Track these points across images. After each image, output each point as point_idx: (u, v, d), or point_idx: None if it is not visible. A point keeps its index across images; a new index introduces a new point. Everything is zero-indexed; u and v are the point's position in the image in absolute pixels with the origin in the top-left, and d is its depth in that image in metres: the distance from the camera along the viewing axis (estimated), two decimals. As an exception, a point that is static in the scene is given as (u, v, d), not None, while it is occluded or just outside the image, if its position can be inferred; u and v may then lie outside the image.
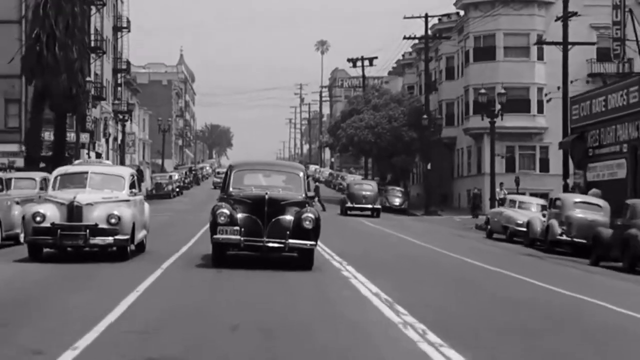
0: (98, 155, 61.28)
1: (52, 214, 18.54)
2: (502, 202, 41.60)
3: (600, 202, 28.21)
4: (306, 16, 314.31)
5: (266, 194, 17.62)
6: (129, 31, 78.04)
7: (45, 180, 25.21)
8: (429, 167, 60.52)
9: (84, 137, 56.11)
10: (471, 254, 24.88)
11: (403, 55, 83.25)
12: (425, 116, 59.98)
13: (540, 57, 57.63)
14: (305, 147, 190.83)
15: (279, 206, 17.63)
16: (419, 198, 67.54)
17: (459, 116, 65.50)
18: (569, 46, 44.16)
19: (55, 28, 36.56)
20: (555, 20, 47.79)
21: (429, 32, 66.20)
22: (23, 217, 20.07)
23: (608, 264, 23.94)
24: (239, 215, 17.53)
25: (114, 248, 19.03)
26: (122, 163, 66.48)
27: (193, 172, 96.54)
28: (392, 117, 67.10)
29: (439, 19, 67.35)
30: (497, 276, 19.72)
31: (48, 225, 18.36)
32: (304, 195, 18.47)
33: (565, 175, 44.20)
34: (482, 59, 59.44)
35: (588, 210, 27.60)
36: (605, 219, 26.73)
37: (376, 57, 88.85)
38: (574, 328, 12.42)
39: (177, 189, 69.21)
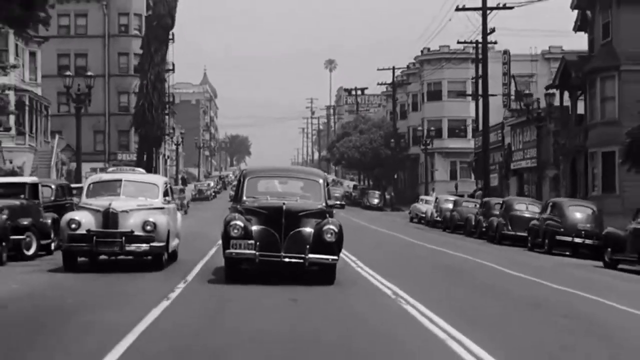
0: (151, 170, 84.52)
1: (87, 221, 18.32)
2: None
3: (459, 198, 51.40)
4: (318, 36, 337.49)
5: (283, 204, 16.45)
6: (173, 72, 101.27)
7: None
8: (395, 176, 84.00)
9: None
10: (386, 227, 47.91)
11: (387, 88, 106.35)
12: (392, 140, 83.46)
13: (474, 98, 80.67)
14: (316, 155, 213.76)
15: (298, 217, 16.47)
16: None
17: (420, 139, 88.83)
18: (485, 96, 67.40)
19: (152, 98, 59.62)
20: (472, 79, 71.20)
21: (402, 70, 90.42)
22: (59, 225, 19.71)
23: (456, 232, 46.72)
24: (254, 228, 16.36)
25: (149, 257, 18.88)
26: (177, 175, 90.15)
27: (222, 179, 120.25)
28: (373, 139, 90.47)
29: (407, 66, 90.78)
30: (394, 238, 42.61)
31: (83, 232, 18.15)
32: (324, 204, 17.22)
33: (477, 183, 67.59)
34: (433, 99, 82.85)
35: (450, 203, 50.62)
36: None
37: (367, 88, 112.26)
38: (414, 258, 35.18)
39: (214, 193, 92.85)
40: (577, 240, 29.69)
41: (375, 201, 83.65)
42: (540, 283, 19.55)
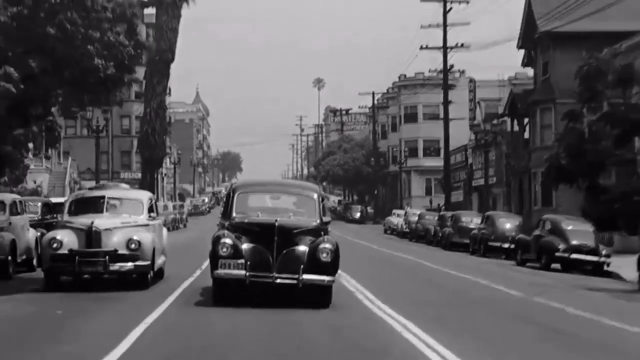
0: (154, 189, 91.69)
1: (69, 240, 17.93)
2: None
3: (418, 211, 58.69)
4: (306, 56, 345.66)
5: (276, 220, 15.56)
6: (170, 95, 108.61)
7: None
8: (375, 192, 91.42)
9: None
10: (362, 238, 55.10)
11: (369, 109, 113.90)
12: (372, 158, 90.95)
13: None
14: (305, 171, 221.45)
15: (291, 235, 15.62)
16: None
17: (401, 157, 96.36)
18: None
19: (155, 124, 66.76)
20: (442, 103, 78.56)
21: (383, 94, 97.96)
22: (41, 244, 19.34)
23: (419, 241, 53.83)
24: (244, 246, 15.47)
25: (134, 275, 18.35)
26: (174, 192, 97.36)
27: (215, 195, 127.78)
28: (355, 158, 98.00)
29: (387, 90, 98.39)
30: (363, 246, 49.79)
31: (65, 251, 17.76)
32: (318, 221, 16.36)
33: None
34: (409, 121, 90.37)
35: (416, 216, 57.90)
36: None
37: (351, 109, 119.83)
38: (384, 261, 42.38)
39: (208, 209, 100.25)
40: (505, 245, 36.92)
41: (357, 215, 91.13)
42: (457, 275, 26.74)
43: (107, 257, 17.85)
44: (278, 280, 15.42)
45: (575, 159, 37.23)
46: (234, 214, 16.44)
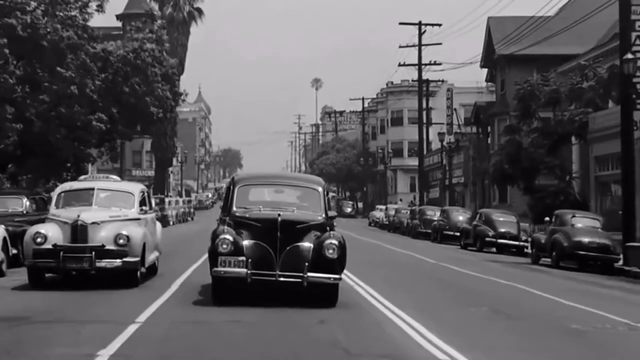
0: (164, 185, 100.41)
1: (54, 234, 17.18)
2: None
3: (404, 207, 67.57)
4: (304, 56, 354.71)
5: (279, 215, 14.91)
6: (184, 100, 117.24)
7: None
8: (365, 189, 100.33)
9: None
10: (347, 229, 63.73)
11: (360, 112, 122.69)
12: (362, 158, 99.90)
13: (429, 124, 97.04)
14: (303, 167, 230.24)
15: (295, 231, 15.01)
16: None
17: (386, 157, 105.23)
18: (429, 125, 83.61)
19: (166, 128, 75.36)
20: (424, 109, 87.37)
21: (372, 99, 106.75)
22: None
23: (396, 232, 62.69)
24: (245, 243, 14.83)
25: (124, 271, 17.36)
26: (181, 188, 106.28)
27: (217, 191, 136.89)
28: (347, 157, 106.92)
29: (377, 95, 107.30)
30: (350, 236, 58.44)
31: (49, 246, 17.00)
32: (324, 215, 15.78)
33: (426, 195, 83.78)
34: (396, 125, 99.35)
35: (394, 211, 66.67)
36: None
37: (344, 110, 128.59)
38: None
39: (212, 203, 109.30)
40: (457, 234, 45.55)
41: (349, 210, 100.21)
42: (408, 253, 35.37)
43: (93, 253, 17.09)
44: (281, 279, 14.87)
45: (514, 165, 46.23)
46: (234, 208, 15.81)
